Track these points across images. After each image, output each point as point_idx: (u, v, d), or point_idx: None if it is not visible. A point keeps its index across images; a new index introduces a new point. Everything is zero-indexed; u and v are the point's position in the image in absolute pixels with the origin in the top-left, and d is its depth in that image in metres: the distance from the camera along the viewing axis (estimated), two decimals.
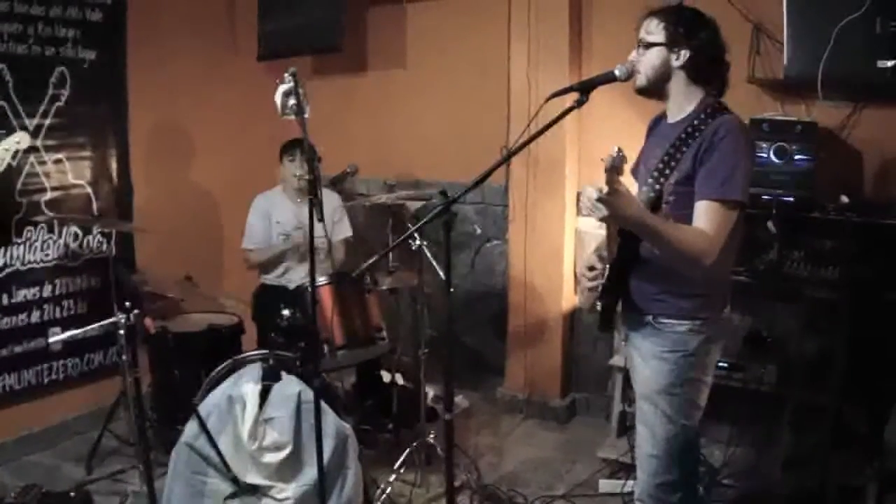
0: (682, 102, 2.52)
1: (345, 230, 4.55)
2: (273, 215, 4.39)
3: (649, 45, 2.49)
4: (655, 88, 2.53)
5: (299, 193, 4.34)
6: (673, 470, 2.56)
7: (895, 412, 3.22)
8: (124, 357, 3.34)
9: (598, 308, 2.64)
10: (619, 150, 2.17)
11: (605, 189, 2.18)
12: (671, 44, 2.47)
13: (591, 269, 2.66)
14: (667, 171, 2.46)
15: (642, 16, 2.55)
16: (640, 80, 2.52)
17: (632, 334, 2.63)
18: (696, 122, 2.45)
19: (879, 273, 3.36)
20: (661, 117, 2.67)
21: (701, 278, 2.44)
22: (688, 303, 2.48)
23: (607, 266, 2.60)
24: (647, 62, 2.50)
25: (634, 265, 2.53)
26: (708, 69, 2.51)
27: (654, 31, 2.48)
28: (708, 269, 2.35)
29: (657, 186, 2.47)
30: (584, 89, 2.43)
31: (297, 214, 4.33)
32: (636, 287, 2.55)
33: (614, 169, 2.17)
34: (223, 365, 3.45)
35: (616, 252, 2.54)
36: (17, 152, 3.75)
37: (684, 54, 2.47)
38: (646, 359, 2.56)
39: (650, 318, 2.52)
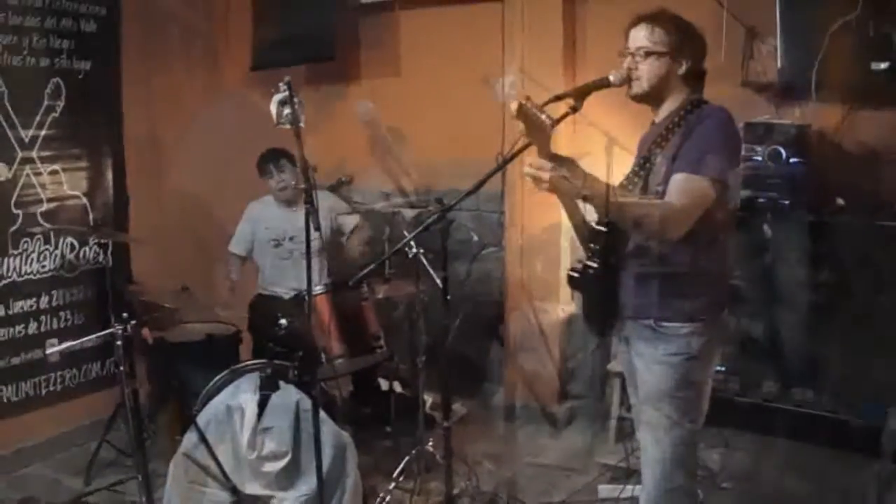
0: (670, 104, 2.55)
1: (351, 220, 4.52)
2: (263, 221, 4.38)
3: (659, 55, 2.48)
4: (654, 96, 2.55)
5: (286, 203, 4.34)
6: (679, 475, 2.55)
7: (891, 414, 3.23)
8: (122, 368, 3.33)
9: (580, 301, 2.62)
10: (528, 98, 2.14)
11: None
12: (677, 53, 2.48)
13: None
14: (652, 158, 2.48)
15: (632, 21, 2.55)
16: (640, 87, 2.51)
17: (633, 339, 2.61)
18: (682, 112, 2.49)
19: (875, 275, 3.37)
20: (650, 127, 2.68)
21: (696, 277, 2.45)
22: (689, 304, 2.47)
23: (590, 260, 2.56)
24: (651, 71, 2.49)
25: (625, 263, 2.52)
26: (700, 74, 2.56)
27: (660, 40, 2.48)
28: (677, 242, 2.35)
29: (642, 173, 2.51)
30: (579, 95, 2.44)
31: (288, 221, 4.31)
32: (635, 291, 2.54)
33: (525, 116, 2.10)
34: (221, 375, 3.46)
35: (594, 241, 2.51)
36: None
37: (686, 63, 2.49)
38: (649, 363, 2.55)
39: (651, 322, 2.52)
